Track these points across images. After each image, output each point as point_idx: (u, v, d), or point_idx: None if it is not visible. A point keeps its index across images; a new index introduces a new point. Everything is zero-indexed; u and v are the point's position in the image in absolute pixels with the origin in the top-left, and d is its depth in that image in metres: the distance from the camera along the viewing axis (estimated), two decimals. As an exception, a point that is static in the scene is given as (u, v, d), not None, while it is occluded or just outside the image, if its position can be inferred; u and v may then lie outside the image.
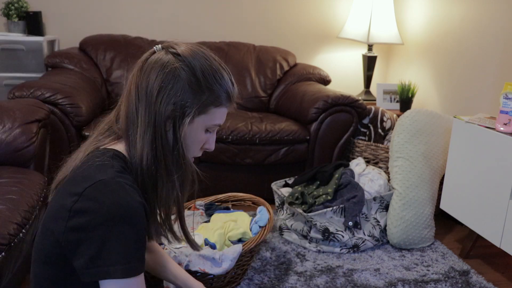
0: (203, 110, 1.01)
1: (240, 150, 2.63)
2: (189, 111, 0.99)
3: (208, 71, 1.00)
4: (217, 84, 1.01)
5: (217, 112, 1.03)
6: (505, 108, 1.94)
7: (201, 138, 1.05)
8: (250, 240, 1.80)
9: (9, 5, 2.86)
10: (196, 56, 1.00)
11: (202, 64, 1.00)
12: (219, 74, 1.02)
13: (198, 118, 1.01)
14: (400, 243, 2.30)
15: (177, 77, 0.98)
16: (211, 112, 1.02)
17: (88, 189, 0.90)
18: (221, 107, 1.03)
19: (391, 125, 2.82)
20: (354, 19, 3.30)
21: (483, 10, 2.63)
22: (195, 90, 0.99)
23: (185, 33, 3.28)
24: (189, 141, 1.03)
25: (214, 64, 1.02)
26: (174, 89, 0.98)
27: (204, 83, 0.99)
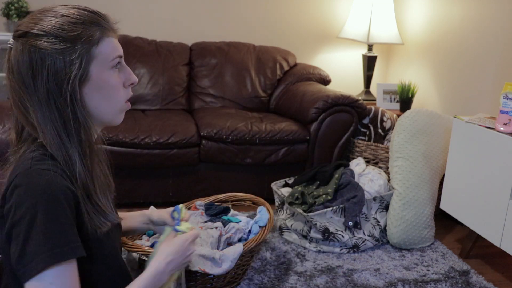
0: (89, 57, 0.94)
1: (240, 150, 2.62)
2: (73, 71, 0.92)
3: (62, 23, 0.93)
4: (80, 26, 0.94)
5: (103, 48, 0.96)
6: (505, 108, 1.94)
7: (113, 80, 0.99)
8: (250, 240, 1.80)
9: (9, 5, 2.86)
10: (43, 21, 0.93)
11: (53, 22, 0.93)
12: (75, 16, 0.95)
13: (91, 67, 0.94)
14: (400, 243, 2.30)
15: (40, 51, 0.91)
16: (98, 52, 0.95)
17: (8, 190, 0.89)
18: (102, 42, 0.97)
19: (391, 125, 2.82)
20: (354, 19, 3.30)
21: (483, 10, 2.63)
22: (65, 48, 0.92)
23: (185, 33, 3.28)
24: (104, 93, 0.97)
25: (64, 12, 0.95)
26: (45, 63, 0.91)
27: (67, 36, 0.92)
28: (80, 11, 0.97)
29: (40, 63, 0.91)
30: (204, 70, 3.11)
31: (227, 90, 3.10)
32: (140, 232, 1.67)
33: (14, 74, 0.94)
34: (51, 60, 0.91)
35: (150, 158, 2.53)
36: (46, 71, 0.92)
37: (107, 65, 0.97)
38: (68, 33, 0.92)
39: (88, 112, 0.97)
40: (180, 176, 2.63)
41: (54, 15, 0.94)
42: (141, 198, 2.60)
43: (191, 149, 2.58)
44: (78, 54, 0.93)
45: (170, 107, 3.01)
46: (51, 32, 0.92)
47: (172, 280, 1.16)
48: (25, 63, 0.92)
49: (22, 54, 0.93)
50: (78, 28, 0.94)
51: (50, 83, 0.92)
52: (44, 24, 0.93)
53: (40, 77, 0.92)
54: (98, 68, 0.96)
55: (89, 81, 0.95)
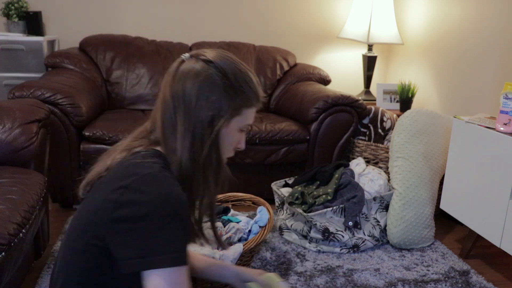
0: (237, 112, 1.05)
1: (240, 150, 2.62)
2: (225, 114, 1.03)
3: (238, 74, 1.04)
4: (248, 86, 1.06)
5: (248, 112, 1.08)
6: (505, 108, 1.94)
7: (235, 139, 1.10)
8: (250, 240, 1.80)
9: (9, 5, 2.86)
10: (225, 61, 1.04)
11: (232, 68, 1.04)
12: (248, 76, 1.07)
13: (233, 120, 1.05)
14: (400, 243, 2.30)
15: (212, 83, 1.01)
16: (244, 113, 1.06)
17: (134, 182, 0.92)
18: (251, 108, 1.08)
19: (391, 125, 2.82)
20: (354, 19, 3.30)
21: (483, 10, 2.63)
22: (229, 94, 1.03)
23: (185, 33, 3.28)
24: (225, 142, 1.07)
25: (242, 67, 1.07)
26: (211, 95, 1.01)
27: (237, 86, 1.04)
28: (252, 75, 1.09)
29: (208, 93, 1.01)
30: (204, 70, 3.11)
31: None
32: None
33: (179, 84, 1.02)
34: (217, 97, 1.02)
35: (150, 158, 2.52)
36: (210, 101, 1.01)
37: (241, 126, 1.09)
38: (238, 86, 1.04)
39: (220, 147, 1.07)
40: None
41: (236, 65, 1.06)
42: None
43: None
44: (234, 105, 1.04)
45: (170, 107, 3.00)
46: (229, 75, 1.03)
47: None
48: (195, 84, 1.01)
49: (197, 75, 1.02)
50: (246, 88, 1.06)
51: (209, 112, 1.02)
52: (227, 64, 1.04)
53: (203, 104, 1.01)
54: (235, 124, 1.07)
55: (225, 129, 1.05)
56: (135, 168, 0.96)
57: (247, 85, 1.06)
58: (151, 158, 1.00)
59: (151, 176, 0.93)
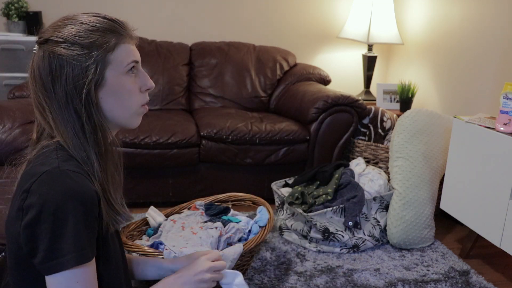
0: (104, 63, 0.98)
1: (240, 150, 2.62)
2: (89, 76, 0.96)
3: (79, 30, 0.98)
4: (97, 33, 0.98)
5: (118, 54, 1.00)
6: (505, 108, 1.94)
7: (129, 84, 1.02)
8: (250, 240, 1.80)
9: (9, 5, 2.86)
10: (62, 28, 0.99)
11: (71, 29, 0.98)
12: (92, 24, 0.99)
13: (107, 72, 0.98)
14: (400, 243, 2.30)
15: (59, 57, 0.96)
16: (113, 58, 0.99)
17: (34, 184, 0.90)
18: (118, 47, 1.00)
19: (391, 125, 2.82)
20: (354, 19, 3.30)
21: (483, 10, 2.63)
22: (82, 55, 0.96)
23: (185, 33, 3.28)
24: (118, 97, 1.01)
25: (82, 20, 1.00)
26: (63, 69, 0.96)
27: (84, 43, 0.97)
28: (98, 18, 1.02)
29: (59, 68, 0.96)
30: (204, 70, 3.11)
31: (227, 90, 3.10)
32: None
33: (36, 78, 0.99)
34: (69, 66, 0.96)
35: (150, 158, 2.53)
36: (65, 76, 0.96)
37: (122, 70, 1.01)
38: (84, 40, 0.97)
39: (104, 115, 1.01)
40: (180, 176, 2.63)
41: (73, 23, 1.00)
42: (141, 198, 2.60)
43: (191, 149, 2.58)
44: (94, 60, 0.97)
45: (170, 107, 3.01)
46: (69, 39, 0.97)
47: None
48: (45, 69, 0.97)
49: (43, 60, 0.97)
50: (94, 35, 0.98)
51: (68, 88, 0.96)
52: (63, 31, 0.98)
53: (59, 82, 0.96)
54: (113, 73, 1.00)
55: (105, 86, 0.99)
56: (35, 167, 0.94)
57: (95, 32, 0.98)
58: (53, 152, 0.96)
59: (48, 174, 0.91)
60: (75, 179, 0.92)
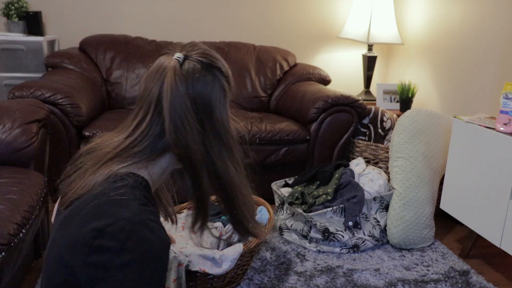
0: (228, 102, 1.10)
1: (240, 150, 2.62)
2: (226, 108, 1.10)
3: (228, 72, 1.07)
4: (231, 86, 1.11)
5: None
6: (505, 108, 1.94)
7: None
8: (250, 240, 1.80)
9: (9, 5, 2.86)
10: (219, 61, 1.06)
11: (224, 65, 1.06)
12: (230, 75, 1.10)
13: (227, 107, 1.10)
14: (400, 243, 2.30)
15: (221, 89, 1.06)
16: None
17: (110, 227, 0.85)
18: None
19: (391, 125, 2.82)
20: (354, 19, 3.30)
21: (483, 10, 2.63)
22: (226, 91, 1.08)
23: (185, 33, 3.28)
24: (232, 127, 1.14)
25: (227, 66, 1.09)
26: (221, 101, 1.06)
27: (231, 85, 1.09)
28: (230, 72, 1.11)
29: (219, 97, 1.05)
30: (204, 70, 3.11)
31: (227, 90, 3.09)
32: None
33: (189, 89, 1.00)
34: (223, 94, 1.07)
35: (150, 158, 2.52)
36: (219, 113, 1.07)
37: None
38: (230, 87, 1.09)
39: None
40: (180, 176, 2.62)
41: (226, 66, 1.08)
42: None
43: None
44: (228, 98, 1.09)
45: (170, 107, 3.01)
46: (229, 76, 1.07)
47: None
48: (207, 91, 1.02)
49: (210, 83, 1.02)
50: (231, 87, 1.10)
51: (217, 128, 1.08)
52: (222, 63, 1.06)
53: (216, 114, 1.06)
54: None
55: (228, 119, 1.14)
56: (111, 207, 0.88)
57: (231, 85, 1.10)
58: (130, 190, 0.92)
59: (128, 221, 0.86)
60: (154, 231, 0.88)
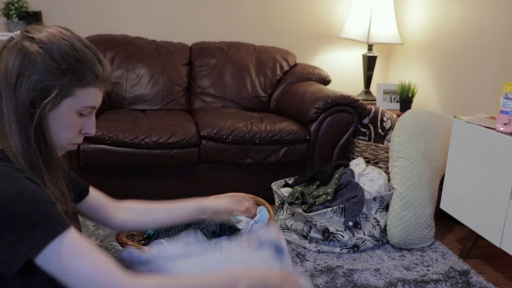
0: (68, 93, 0.97)
1: (240, 150, 2.62)
2: (49, 94, 0.95)
3: (67, 52, 0.96)
4: (81, 64, 0.98)
5: (85, 93, 0.99)
6: (505, 108, 1.94)
7: (74, 123, 1.01)
8: (250, 240, 1.79)
9: (9, 5, 2.86)
10: (54, 39, 0.97)
11: (61, 46, 0.96)
12: (82, 54, 0.98)
13: (65, 101, 0.97)
14: (400, 243, 2.30)
15: (34, 61, 0.94)
16: (78, 94, 0.98)
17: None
18: (89, 88, 1.00)
19: (391, 125, 2.82)
20: (354, 19, 3.30)
21: (483, 10, 2.63)
22: (55, 73, 0.95)
23: (185, 33, 3.28)
24: (59, 126, 0.99)
25: (76, 44, 0.99)
26: (32, 75, 0.94)
27: (64, 65, 0.96)
28: (88, 51, 1.00)
29: (28, 71, 0.94)
30: (204, 70, 3.11)
31: (227, 90, 3.10)
32: None
33: (1, 63, 0.96)
34: (39, 75, 0.94)
35: (150, 158, 2.52)
36: (30, 83, 0.94)
37: (77, 108, 1.00)
38: (65, 64, 0.96)
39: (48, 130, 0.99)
40: (180, 176, 2.63)
41: (65, 40, 0.98)
42: (141, 198, 2.59)
43: (191, 149, 2.58)
44: (61, 85, 0.96)
45: (170, 107, 3.01)
46: (53, 52, 0.95)
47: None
48: (16, 62, 0.95)
49: (18, 52, 0.95)
50: (75, 65, 0.97)
51: (30, 93, 0.94)
52: (51, 41, 0.96)
53: (24, 83, 0.94)
54: (68, 105, 0.98)
55: (54, 110, 0.98)
56: None
57: (78, 63, 0.97)
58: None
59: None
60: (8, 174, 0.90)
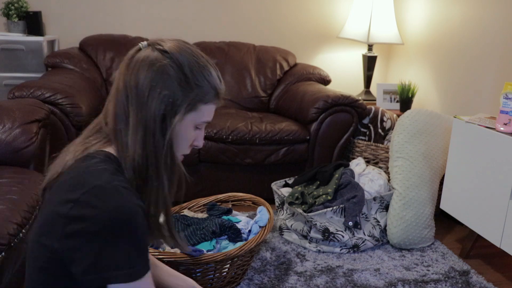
0: (192, 108, 1.00)
1: (240, 150, 2.62)
2: (179, 109, 0.98)
3: (196, 67, 1.00)
4: (206, 81, 1.01)
5: (205, 108, 1.03)
6: (505, 108, 1.94)
7: (190, 135, 1.04)
8: (250, 240, 1.80)
9: (9, 5, 2.86)
10: (183, 53, 1.00)
11: (189, 61, 1.00)
12: (207, 70, 1.02)
13: (188, 115, 1.00)
14: (400, 243, 2.30)
15: (166, 75, 0.97)
16: (200, 109, 1.02)
17: (84, 195, 0.88)
18: (209, 104, 1.03)
19: (391, 125, 2.82)
20: (354, 19, 3.30)
21: (483, 10, 2.63)
22: (184, 88, 0.98)
23: (185, 33, 3.28)
24: (179, 139, 1.02)
25: (202, 60, 1.02)
26: (164, 87, 0.97)
27: (193, 80, 0.99)
28: (212, 69, 1.04)
29: (162, 85, 0.97)
30: (204, 70, 3.11)
31: (227, 90, 3.10)
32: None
33: (133, 75, 0.98)
34: (170, 89, 0.97)
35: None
36: (163, 95, 0.97)
37: (196, 122, 1.04)
38: (194, 80, 0.99)
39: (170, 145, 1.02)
40: (180, 176, 2.62)
41: (197, 58, 1.01)
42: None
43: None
44: (189, 100, 0.99)
45: (170, 107, 3.01)
46: (184, 67, 0.99)
47: None
48: (148, 75, 0.97)
49: (150, 65, 0.97)
50: (204, 83, 1.01)
51: (161, 106, 0.97)
52: (183, 55, 1.00)
53: (156, 97, 0.96)
54: (190, 120, 1.02)
55: (178, 124, 1.01)
56: (84, 178, 0.91)
57: (204, 79, 1.01)
58: (101, 163, 0.94)
59: (100, 188, 0.88)
60: (127, 196, 0.90)
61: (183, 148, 1.05)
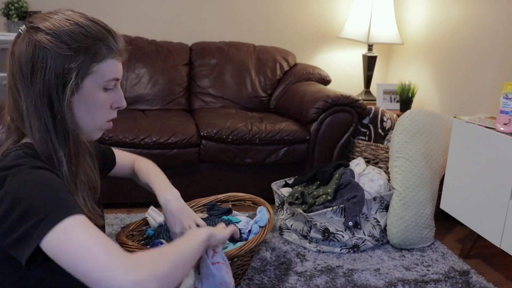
0: (86, 72, 0.96)
1: (240, 150, 2.62)
2: (70, 80, 0.94)
3: (75, 31, 0.95)
4: (90, 39, 0.96)
5: (103, 67, 0.98)
6: (505, 108, 1.94)
7: (102, 99, 1.00)
8: (250, 240, 1.80)
9: (9, 5, 2.86)
10: (59, 23, 0.96)
11: (65, 27, 0.95)
12: (89, 29, 0.97)
13: (86, 81, 0.96)
14: (400, 243, 2.30)
15: (44, 50, 0.93)
16: (97, 70, 0.97)
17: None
18: (106, 61, 0.98)
19: (391, 125, 2.82)
20: (354, 19, 3.30)
21: (483, 10, 2.63)
22: (68, 55, 0.94)
23: (185, 33, 3.28)
24: (89, 108, 0.99)
25: (81, 22, 0.98)
26: (44, 62, 0.93)
27: (74, 44, 0.94)
28: (95, 25, 0.99)
29: (41, 60, 0.93)
30: (204, 70, 3.11)
31: (227, 90, 3.10)
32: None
33: (15, 61, 0.96)
34: (53, 61, 0.93)
35: (150, 158, 2.51)
36: (45, 70, 0.93)
37: (101, 84, 0.99)
38: (75, 43, 0.95)
39: (74, 119, 0.99)
40: (180, 176, 2.63)
41: (69, 20, 0.97)
42: (141, 198, 2.60)
43: (191, 149, 2.58)
44: (77, 65, 0.95)
45: (170, 107, 3.01)
46: (60, 36, 0.94)
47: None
48: (28, 55, 0.94)
49: (27, 45, 0.94)
50: (86, 41, 0.96)
51: (46, 83, 0.94)
52: (56, 26, 0.95)
53: (39, 74, 0.93)
54: (91, 84, 0.98)
55: (79, 93, 0.97)
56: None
57: (89, 38, 0.96)
58: (19, 150, 0.93)
59: (5, 168, 0.88)
60: (29, 164, 0.90)
61: (101, 114, 1.02)
